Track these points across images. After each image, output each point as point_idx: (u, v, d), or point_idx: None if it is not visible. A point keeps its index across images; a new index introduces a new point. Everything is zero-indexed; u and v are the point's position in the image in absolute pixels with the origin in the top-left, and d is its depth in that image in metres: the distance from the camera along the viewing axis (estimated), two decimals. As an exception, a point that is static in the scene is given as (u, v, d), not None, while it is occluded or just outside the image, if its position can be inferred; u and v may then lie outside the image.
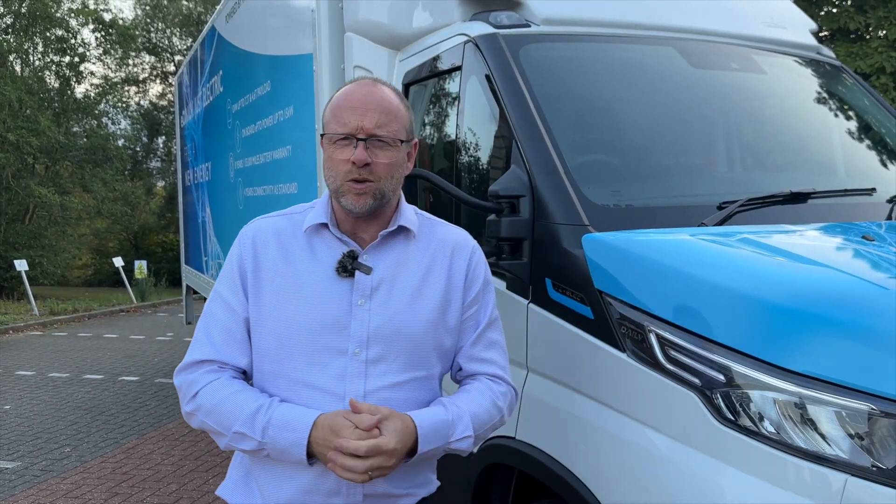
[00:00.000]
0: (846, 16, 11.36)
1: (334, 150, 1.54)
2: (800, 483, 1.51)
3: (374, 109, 1.53)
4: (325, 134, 1.57)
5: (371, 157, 1.51)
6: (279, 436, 1.46)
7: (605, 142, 2.59)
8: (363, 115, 1.52)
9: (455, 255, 1.66)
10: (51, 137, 18.24)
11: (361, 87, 1.58)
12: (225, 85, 6.04)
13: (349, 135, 1.52)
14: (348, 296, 1.55)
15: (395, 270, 1.60)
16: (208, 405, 1.53)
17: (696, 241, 1.96)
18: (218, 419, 1.52)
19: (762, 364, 1.58)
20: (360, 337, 1.55)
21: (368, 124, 1.51)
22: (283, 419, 1.47)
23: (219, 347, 1.58)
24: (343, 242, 1.59)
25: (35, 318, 13.34)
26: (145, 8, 28.52)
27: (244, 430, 1.48)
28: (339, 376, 1.54)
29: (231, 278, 1.61)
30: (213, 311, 1.62)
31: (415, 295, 1.60)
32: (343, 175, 1.52)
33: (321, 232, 1.60)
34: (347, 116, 1.52)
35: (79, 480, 5.02)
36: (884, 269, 1.82)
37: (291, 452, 1.46)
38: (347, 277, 1.56)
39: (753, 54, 3.00)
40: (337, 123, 1.54)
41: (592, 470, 1.94)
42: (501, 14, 2.69)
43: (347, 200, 1.53)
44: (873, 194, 2.56)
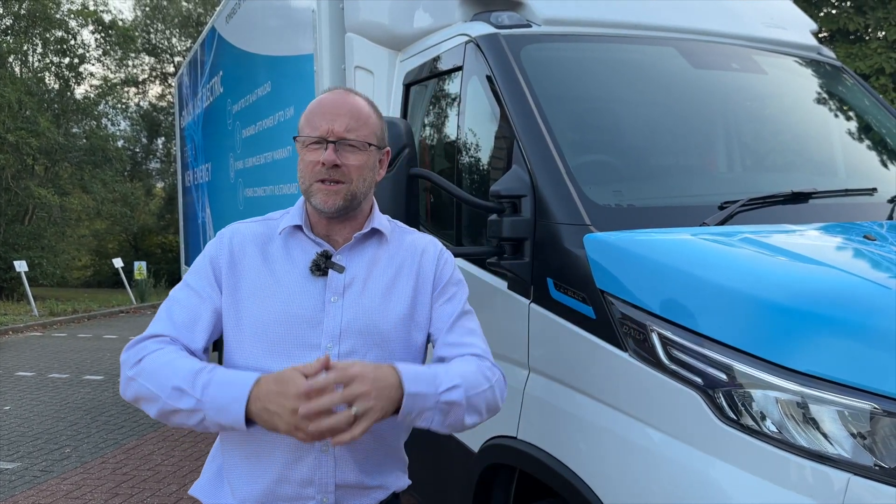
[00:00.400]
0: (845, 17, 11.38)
1: (306, 152, 1.61)
2: (802, 482, 1.51)
3: (344, 115, 1.59)
4: (297, 137, 1.63)
5: (341, 160, 1.58)
6: (220, 392, 1.43)
7: (607, 142, 2.59)
8: (333, 120, 1.58)
9: (424, 257, 1.73)
10: (50, 138, 18.23)
11: (334, 94, 1.65)
12: (225, 85, 6.04)
13: (320, 138, 1.58)
14: (322, 293, 1.61)
15: (368, 270, 1.66)
16: (150, 369, 1.50)
17: (698, 240, 1.96)
18: (157, 380, 1.47)
19: (764, 363, 1.58)
20: (333, 332, 1.59)
21: (338, 128, 1.58)
22: (225, 377, 1.46)
23: (178, 327, 1.59)
24: (316, 244, 1.65)
25: (35, 319, 13.34)
26: (145, 9, 28.53)
27: (183, 386, 1.44)
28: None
29: (203, 271, 1.64)
30: (178, 296, 1.64)
31: (385, 293, 1.66)
32: (312, 175, 1.59)
33: (296, 234, 1.67)
34: (318, 121, 1.59)
35: (79, 481, 5.02)
36: (885, 268, 1.82)
37: (230, 409, 1.41)
38: (321, 276, 1.62)
39: (754, 54, 3.00)
40: (309, 128, 1.60)
41: (594, 470, 1.94)
42: (502, 14, 2.69)
43: (317, 200, 1.59)
44: (874, 194, 2.56)
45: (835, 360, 1.52)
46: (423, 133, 3.05)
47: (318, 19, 3.53)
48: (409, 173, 2.23)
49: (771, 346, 1.59)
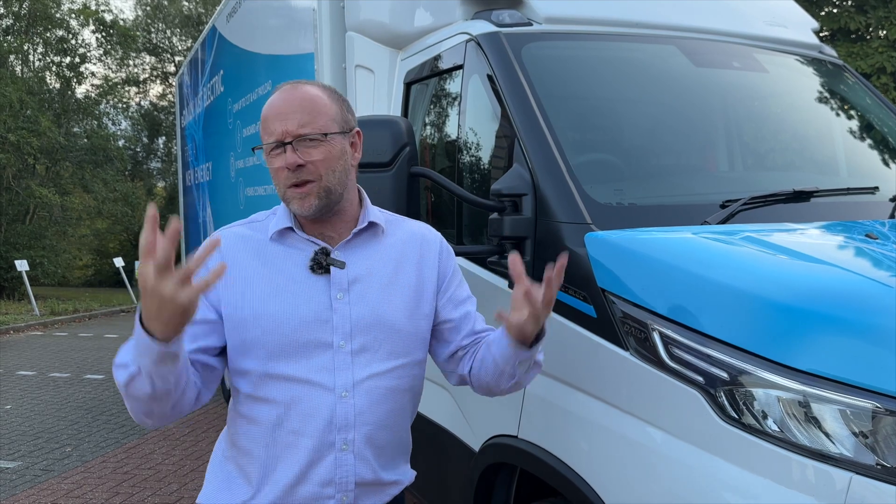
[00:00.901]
0: (847, 16, 11.37)
1: (271, 160, 1.56)
2: (804, 481, 1.50)
3: (294, 111, 1.54)
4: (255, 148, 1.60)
5: (304, 158, 1.53)
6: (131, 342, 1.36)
7: (608, 140, 2.58)
8: (285, 120, 1.53)
9: (424, 246, 1.73)
10: (51, 138, 18.24)
11: (282, 92, 1.59)
12: (226, 85, 6.04)
13: (277, 142, 1.54)
14: (326, 291, 1.58)
15: (369, 264, 1.64)
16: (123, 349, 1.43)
17: (699, 239, 1.96)
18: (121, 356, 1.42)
19: (766, 362, 1.58)
20: (344, 329, 1.58)
21: (291, 126, 1.53)
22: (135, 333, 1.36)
23: None
24: (312, 242, 1.62)
25: (36, 319, 13.35)
26: (146, 8, 28.54)
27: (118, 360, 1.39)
28: (328, 369, 1.57)
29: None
30: None
31: (390, 285, 1.65)
32: (283, 182, 1.55)
33: (287, 235, 1.62)
34: (272, 124, 1.55)
35: (80, 480, 5.02)
36: (887, 267, 1.81)
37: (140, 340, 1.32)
38: (322, 274, 1.59)
39: (755, 53, 2.99)
40: (265, 134, 1.56)
41: (595, 468, 1.94)
42: (503, 13, 2.68)
43: (294, 206, 1.56)
44: (876, 193, 2.56)
45: (837, 358, 1.52)
46: (424, 132, 3.05)
47: (319, 18, 3.53)
48: (410, 172, 2.23)
49: (773, 345, 1.58)
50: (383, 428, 1.64)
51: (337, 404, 1.57)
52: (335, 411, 1.56)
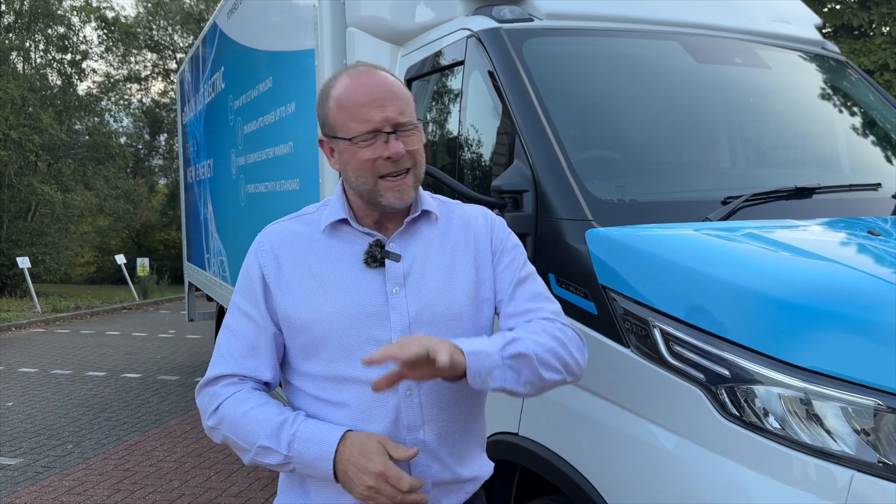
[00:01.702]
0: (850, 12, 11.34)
1: (358, 150, 1.46)
2: (805, 479, 1.50)
3: (389, 98, 1.46)
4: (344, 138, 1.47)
5: (406, 147, 1.46)
6: (305, 449, 1.42)
7: (609, 137, 2.58)
8: (384, 107, 1.45)
9: (475, 228, 1.63)
10: (53, 135, 18.24)
11: (365, 76, 1.49)
12: (227, 81, 6.04)
13: (377, 130, 1.45)
14: (381, 285, 1.51)
15: (424, 255, 1.56)
16: (230, 419, 1.48)
17: (701, 236, 1.95)
18: (241, 434, 1.47)
19: (767, 359, 1.57)
20: (402, 325, 1.50)
21: (392, 114, 1.45)
22: (309, 432, 1.43)
23: (240, 361, 1.53)
24: (367, 234, 1.54)
25: (38, 316, 13.36)
26: (147, 5, 28.54)
27: (269, 444, 1.44)
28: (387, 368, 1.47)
29: (251, 291, 1.55)
30: (232, 325, 1.56)
31: (447, 276, 1.56)
32: (374, 172, 1.46)
33: (341, 228, 1.55)
34: (367, 112, 1.44)
35: (81, 477, 5.02)
36: (889, 264, 1.80)
37: (317, 466, 1.42)
38: (377, 267, 1.51)
39: (758, 49, 2.98)
40: (358, 122, 1.45)
41: (596, 466, 1.93)
42: (504, 8, 2.67)
43: (389, 199, 1.48)
44: (878, 189, 2.55)
45: (838, 356, 1.51)
46: (425, 128, 3.04)
47: (320, 14, 3.52)
48: None
49: (774, 342, 1.58)
50: (454, 423, 1.57)
51: (402, 404, 1.50)
52: (401, 411, 1.50)
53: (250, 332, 1.54)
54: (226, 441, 1.52)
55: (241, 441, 1.47)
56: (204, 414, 1.54)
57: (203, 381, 1.56)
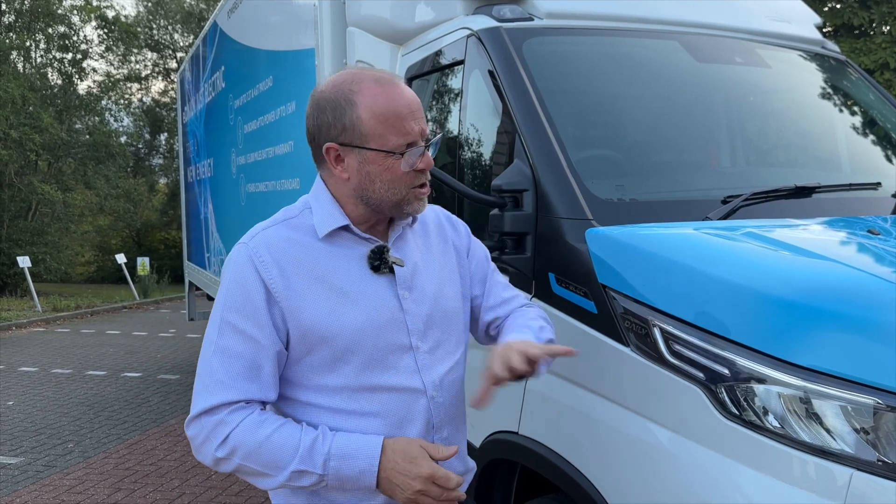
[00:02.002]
0: (850, 11, 11.33)
1: (395, 162, 1.44)
2: (805, 477, 1.50)
3: (419, 109, 1.48)
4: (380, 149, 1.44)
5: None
6: (344, 466, 1.39)
7: (609, 136, 2.58)
8: (419, 119, 1.46)
9: (444, 227, 1.71)
10: (53, 134, 18.25)
11: (398, 88, 1.47)
12: (227, 81, 6.04)
13: (415, 143, 1.45)
14: (393, 291, 1.52)
15: (417, 258, 1.60)
16: (248, 447, 1.39)
17: (701, 235, 1.95)
18: (264, 460, 1.40)
19: (767, 358, 1.57)
20: (418, 328, 1.53)
21: (424, 126, 1.48)
22: (345, 448, 1.40)
23: (243, 386, 1.42)
24: (367, 240, 1.53)
25: (38, 315, 13.37)
26: (147, 4, 28.54)
27: (303, 467, 1.39)
28: (413, 371, 1.52)
29: (250, 307, 1.43)
30: (229, 346, 1.43)
31: (441, 275, 1.62)
32: (409, 183, 1.47)
33: (339, 234, 1.51)
34: (408, 124, 1.44)
35: (82, 476, 5.03)
36: (889, 263, 1.80)
37: (360, 481, 1.40)
38: (387, 273, 1.52)
39: (758, 48, 2.98)
40: (400, 134, 1.44)
41: (595, 465, 1.93)
42: (504, 8, 2.68)
43: (414, 207, 1.51)
44: (878, 188, 2.55)
45: (838, 354, 1.52)
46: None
47: (320, 14, 3.52)
48: None
49: (774, 341, 1.58)
50: (461, 418, 1.66)
51: (431, 405, 1.54)
52: (431, 413, 1.54)
53: (250, 351, 1.43)
54: (240, 470, 1.43)
55: (265, 468, 1.40)
56: (207, 445, 1.42)
57: (198, 410, 1.42)
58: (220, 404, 1.41)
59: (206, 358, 1.45)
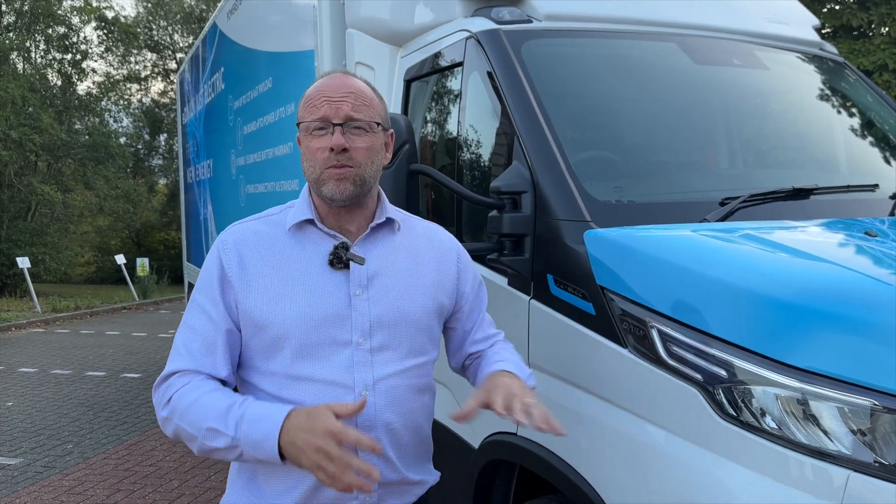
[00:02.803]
0: (849, 13, 11.34)
1: (311, 140, 1.54)
2: (802, 478, 1.51)
3: (347, 95, 1.53)
4: (300, 123, 1.56)
5: (349, 143, 1.51)
6: (252, 430, 1.41)
7: (607, 138, 2.58)
8: (338, 102, 1.52)
9: (443, 249, 1.73)
10: (53, 135, 18.24)
11: (332, 78, 1.58)
12: (227, 82, 6.04)
13: (325, 120, 1.52)
14: (345, 287, 1.56)
15: (387, 260, 1.62)
16: (181, 407, 1.48)
17: (699, 237, 1.96)
18: (191, 420, 1.47)
19: (764, 360, 1.58)
20: (363, 327, 1.55)
21: (344, 109, 1.52)
22: (256, 412, 1.43)
23: (197, 358, 1.54)
24: (331, 236, 1.58)
25: (37, 316, 13.37)
26: (147, 5, 28.54)
27: (216, 426, 1.43)
28: (347, 367, 1.54)
29: (210, 287, 1.56)
30: (192, 322, 1.57)
31: (409, 282, 1.63)
32: (321, 163, 1.52)
33: (305, 228, 1.59)
34: (321, 105, 1.52)
35: (81, 477, 5.03)
36: (887, 265, 1.81)
37: (264, 446, 1.39)
38: (342, 269, 1.56)
39: (756, 50, 2.99)
40: (310, 111, 1.54)
41: (594, 466, 1.94)
42: (503, 10, 2.68)
43: (328, 188, 1.53)
44: (876, 190, 2.56)
45: (835, 356, 1.52)
46: (424, 129, 3.05)
47: (319, 15, 3.53)
48: (410, 169, 2.23)
49: (771, 343, 1.59)
50: (405, 427, 1.62)
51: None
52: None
53: (208, 329, 1.55)
54: (177, 433, 1.51)
55: (190, 427, 1.46)
56: (157, 407, 1.54)
57: (160, 377, 1.56)
58: (174, 371, 1.54)
59: (177, 333, 1.61)
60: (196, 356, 1.54)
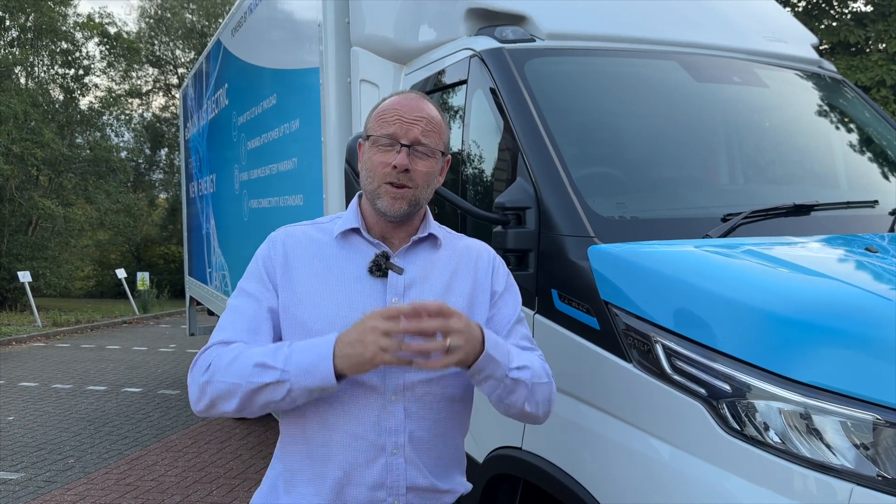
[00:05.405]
0: (846, 29, 11.43)
1: (375, 152, 1.59)
2: (805, 492, 1.52)
3: (420, 119, 1.59)
4: (370, 136, 1.61)
5: (411, 164, 1.57)
6: (302, 357, 1.45)
7: (610, 154, 2.61)
8: (411, 124, 1.58)
9: (479, 262, 1.74)
10: (55, 149, 18.33)
11: (410, 98, 1.63)
12: (230, 98, 6.09)
13: (393, 138, 1.57)
14: (382, 294, 1.60)
15: (425, 272, 1.65)
16: (223, 364, 1.50)
17: (701, 252, 1.98)
18: (233, 371, 1.49)
19: (768, 374, 1.60)
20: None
21: (415, 132, 1.57)
22: (304, 344, 1.48)
23: (240, 333, 1.58)
24: (374, 245, 1.63)
25: (38, 330, 13.35)
26: (149, 21, 28.73)
27: (264, 360, 1.46)
28: (380, 371, 1.55)
29: (257, 275, 1.63)
30: (236, 304, 1.63)
31: (444, 293, 1.65)
32: (381, 177, 1.58)
33: (351, 237, 1.65)
34: (393, 121, 1.58)
35: (83, 491, 5.02)
36: (887, 280, 1.83)
37: (318, 368, 1.43)
38: (380, 277, 1.60)
39: (756, 68, 3.03)
40: (382, 126, 1.59)
41: (598, 480, 1.95)
42: (507, 29, 2.72)
43: (383, 203, 1.58)
44: (876, 206, 2.58)
45: (838, 371, 1.54)
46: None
47: (324, 33, 3.57)
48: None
49: (774, 358, 1.60)
50: (436, 435, 1.63)
51: (386, 406, 1.56)
52: (383, 413, 1.56)
53: (252, 309, 1.60)
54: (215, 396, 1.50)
55: (233, 377, 1.48)
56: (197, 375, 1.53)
57: (199, 353, 1.58)
58: (215, 343, 1.57)
59: (222, 317, 1.64)
60: (239, 332, 1.58)
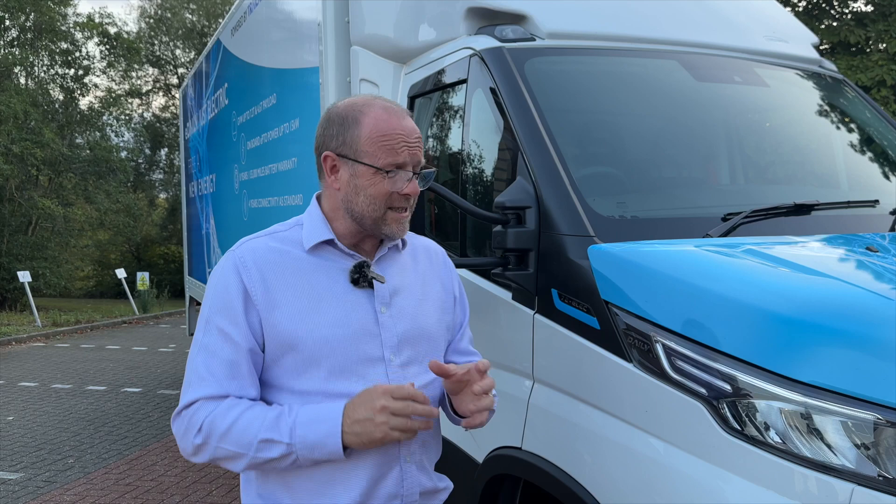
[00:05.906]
0: (846, 29, 11.43)
1: (381, 180, 1.52)
2: (806, 492, 1.52)
3: (418, 140, 1.57)
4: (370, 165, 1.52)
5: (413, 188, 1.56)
6: (309, 431, 1.43)
7: (610, 154, 2.61)
8: (415, 148, 1.55)
9: (437, 261, 1.77)
10: (55, 149, 18.32)
11: (401, 117, 1.56)
12: (230, 97, 6.09)
13: (404, 167, 1.53)
14: (370, 305, 1.58)
15: (400, 278, 1.66)
16: (219, 430, 1.45)
17: (702, 252, 1.98)
18: (235, 439, 1.45)
19: (768, 374, 1.59)
20: (391, 343, 1.58)
21: (419, 156, 1.56)
22: (309, 415, 1.45)
23: (222, 382, 1.49)
24: (351, 256, 1.60)
25: (38, 330, 13.36)
26: (149, 21, 28.73)
27: (269, 436, 1.43)
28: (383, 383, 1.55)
29: (229, 307, 1.51)
30: (210, 344, 1.51)
31: (422, 298, 1.67)
32: (386, 203, 1.54)
33: (323, 248, 1.59)
34: (401, 149, 1.52)
35: (82, 492, 5.02)
36: (888, 279, 1.83)
37: (326, 445, 1.43)
38: (366, 287, 1.58)
39: (756, 67, 3.02)
40: (390, 154, 1.52)
41: (598, 480, 1.95)
42: (507, 28, 2.72)
43: (390, 229, 1.56)
44: (876, 206, 2.58)
45: (838, 370, 1.54)
46: (428, 145, 3.08)
47: (324, 33, 3.57)
48: None
49: (775, 357, 1.60)
50: (432, 437, 1.69)
51: None
52: None
53: (231, 352, 1.50)
54: (215, 457, 1.49)
55: (235, 447, 1.45)
56: (187, 435, 1.49)
57: (181, 405, 1.51)
58: (199, 398, 1.49)
59: (192, 357, 1.55)
60: (221, 380, 1.49)
